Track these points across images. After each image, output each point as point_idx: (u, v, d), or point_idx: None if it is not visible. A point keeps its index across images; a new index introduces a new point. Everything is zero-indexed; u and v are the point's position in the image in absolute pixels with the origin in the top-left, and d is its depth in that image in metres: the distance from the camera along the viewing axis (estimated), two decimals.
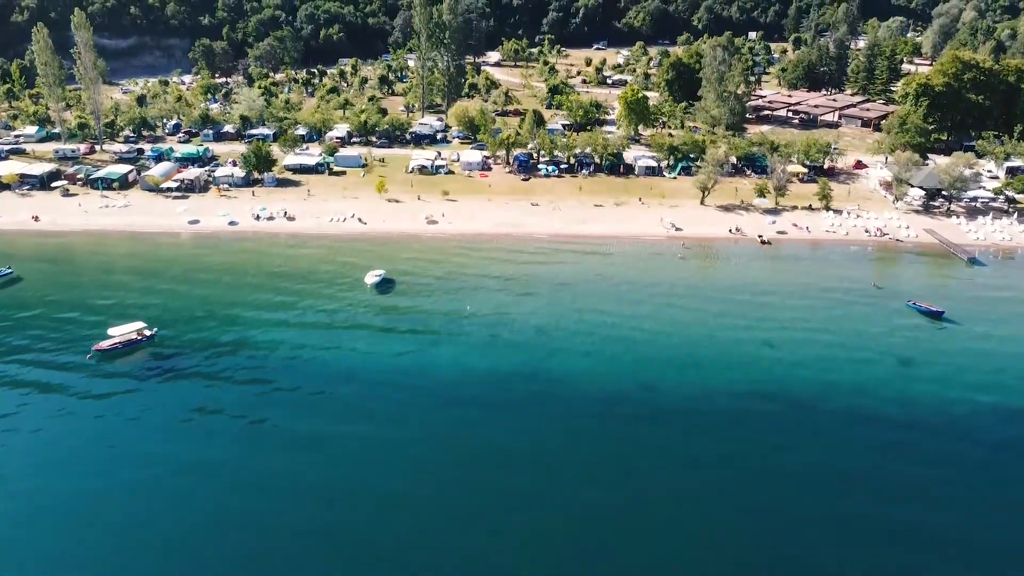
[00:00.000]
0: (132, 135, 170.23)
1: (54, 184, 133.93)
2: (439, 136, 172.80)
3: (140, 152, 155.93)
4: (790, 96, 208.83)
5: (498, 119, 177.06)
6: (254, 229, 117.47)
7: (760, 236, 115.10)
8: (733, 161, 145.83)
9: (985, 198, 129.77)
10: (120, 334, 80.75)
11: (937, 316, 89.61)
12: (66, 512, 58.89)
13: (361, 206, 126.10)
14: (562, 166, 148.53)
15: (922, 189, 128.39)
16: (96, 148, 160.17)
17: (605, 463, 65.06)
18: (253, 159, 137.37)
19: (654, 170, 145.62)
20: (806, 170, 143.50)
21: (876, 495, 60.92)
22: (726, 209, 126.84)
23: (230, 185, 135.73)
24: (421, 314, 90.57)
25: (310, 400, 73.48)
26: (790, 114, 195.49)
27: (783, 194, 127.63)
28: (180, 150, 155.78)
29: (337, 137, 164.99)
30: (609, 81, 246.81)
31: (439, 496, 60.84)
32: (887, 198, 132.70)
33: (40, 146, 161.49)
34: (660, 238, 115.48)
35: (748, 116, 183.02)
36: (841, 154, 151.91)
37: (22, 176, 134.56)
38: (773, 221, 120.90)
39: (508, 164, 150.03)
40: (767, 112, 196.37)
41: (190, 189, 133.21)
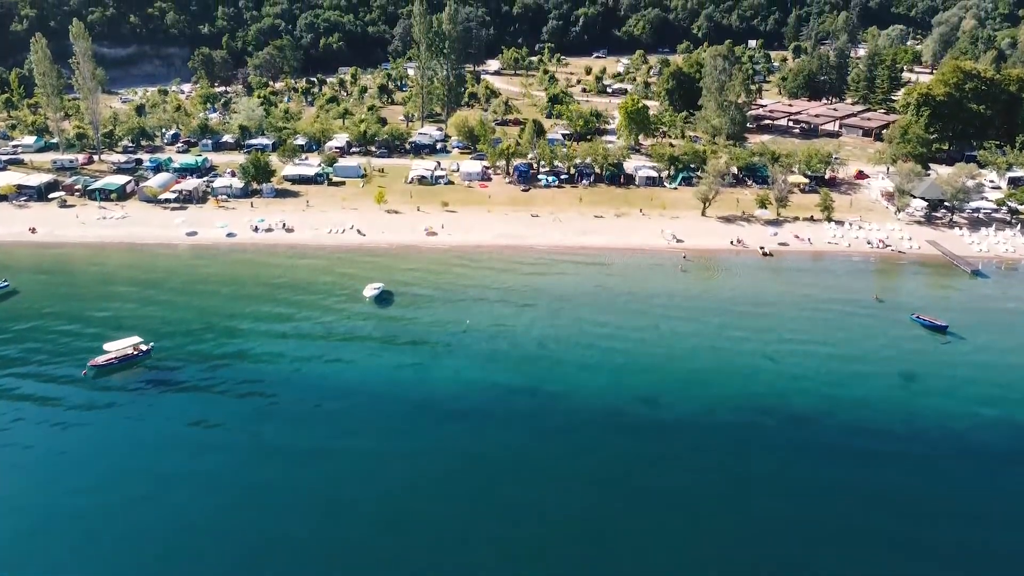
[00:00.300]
0: (131, 145, 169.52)
1: (51, 195, 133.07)
2: (439, 146, 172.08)
3: (138, 162, 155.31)
4: (791, 105, 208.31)
5: (498, 128, 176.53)
6: (252, 241, 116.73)
7: (762, 248, 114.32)
8: (734, 171, 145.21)
9: (988, 209, 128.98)
10: (116, 349, 79.92)
11: (941, 330, 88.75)
12: (59, 529, 58.06)
13: (360, 217, 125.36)
14: (562, 176, 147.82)
15: (924, 200, 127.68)
16: (94, 158, 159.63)
17: (606, 479, 64.25)
18: (252, 170, 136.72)
19: (655, 180, 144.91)
20: (807, 180, 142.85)
21: (879, 510, 60.17)
22: (727, 220, 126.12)
23: (228, 196, 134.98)
24: (420, 327, 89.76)
25: (308, 414, 72.79)
26: (791, 123, 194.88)
27: (784, 205, 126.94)
28: (179, 160, 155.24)
29: (336, 147, 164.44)
30: (609, 90, 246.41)
31: (439, 510, 60.29)
32: (889, 209, 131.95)
33: (38, 156, 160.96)
34: (661, 250, 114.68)
35: (749, 125, 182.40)
36: (842, 164, 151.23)
37: (19, 187, 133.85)
38: (775, 232, 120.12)
39: (508, 174, 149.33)
40: (768, 121, 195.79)
41: (188, 200, 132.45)
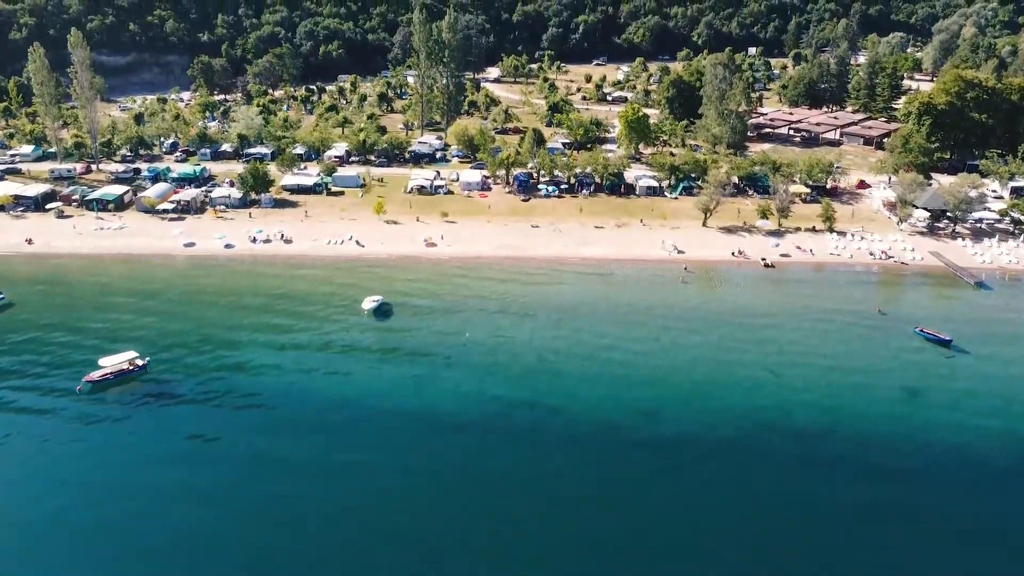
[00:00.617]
0: (129, 154, 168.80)
1: (48, 206, 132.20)
2: (438, 155, 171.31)
3: (137, 172, 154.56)
4: (791, 114, 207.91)
5: (498, 137, 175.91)
6: (251, 252, 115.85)
7: (763, 259, 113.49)
8: (735, 181, 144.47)
9: (990, 219, 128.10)
10: (111, 364, 78.94)
11: (945, 343, 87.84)
12: (52, 544, 57.79)
13: (359, 228, 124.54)
14: (562, 186, 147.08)
15: (926, 210, 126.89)
16: (92, 168, 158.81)
17: (606, 493, 63.87)
18: (250, 180, 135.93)
19: (655, 190, 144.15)
20: (809, 190, 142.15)
21: (883, 525, 59.66)
22: (728, 231, 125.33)
23: (227, 206, 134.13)
24: (419, 340, 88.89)
25: (307, 429, 72.09)
26: (792, 132, 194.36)
27: (786, 215, 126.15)
28: (177, 170, 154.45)
29: (336, 156, 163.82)
30: (609, 98, 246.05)
31: (438, 524, 60.00)
32: (891, 219, 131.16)
33: (36, 165, 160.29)
34: (662, 261, 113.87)
35: (749, 134, 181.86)
36: (844, 173, 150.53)
37: (16, 197, 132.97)
38: (776, 244, 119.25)
39: (508, 184, 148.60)
40: (768, 130, 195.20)
41: (186, 211, 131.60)
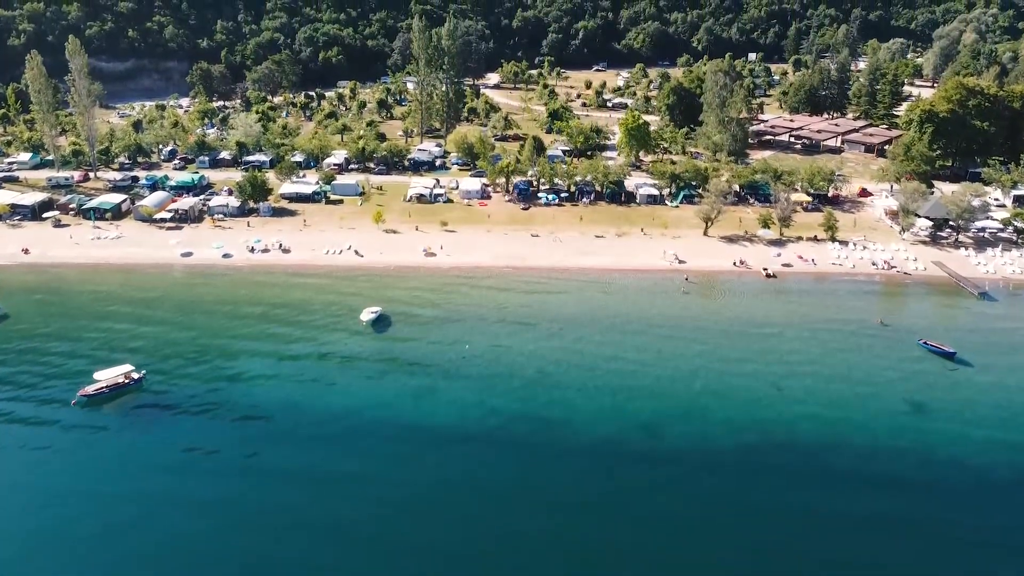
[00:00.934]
0: (127, 162, 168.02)
1: (45, 214, 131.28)
2: (438, 162, 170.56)
3: (135, 180, 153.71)
4: (792, 121, 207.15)
5: (497, 144, 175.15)
6: (248, 262, 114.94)
7: (765, 269, 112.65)
8: (736, 189, 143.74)
9: (993, 228, 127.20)
10: (106, 378, 78.10)
11: (949, 356, 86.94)
12: (46, 559, 57.26)
13: (358, 237, 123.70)
14: (562, 194, 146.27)
15: (929, 219, 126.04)
16: (90, 176, 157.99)
17: (606, 507, 63.33)
18: (249, 188, 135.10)
19: (656, 199, 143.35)
20: (810, 199, 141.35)
21: (887, 541, 59.03)
22: (730, 240, 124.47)
23: (225, 215, 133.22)
24: (418, 352, 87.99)
25: (303, 443, 71.35)
26: (792, 139, 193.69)
27: (788, 225, 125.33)
28: (175, 178, 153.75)
29: (335, 164, 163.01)
30: (609, 104, 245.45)
31: (437, 537, 59.68)
32: (893, 228, 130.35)
33: (33, 173, 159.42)
34: (663, 271, 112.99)
35: (750, 141, 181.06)
36: (845, 181, 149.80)
37: (13, 206, 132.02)
38: (778, 253, 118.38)
39: (508, 192, 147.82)
40: (769, 137, 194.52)
41: (184, 219, 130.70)
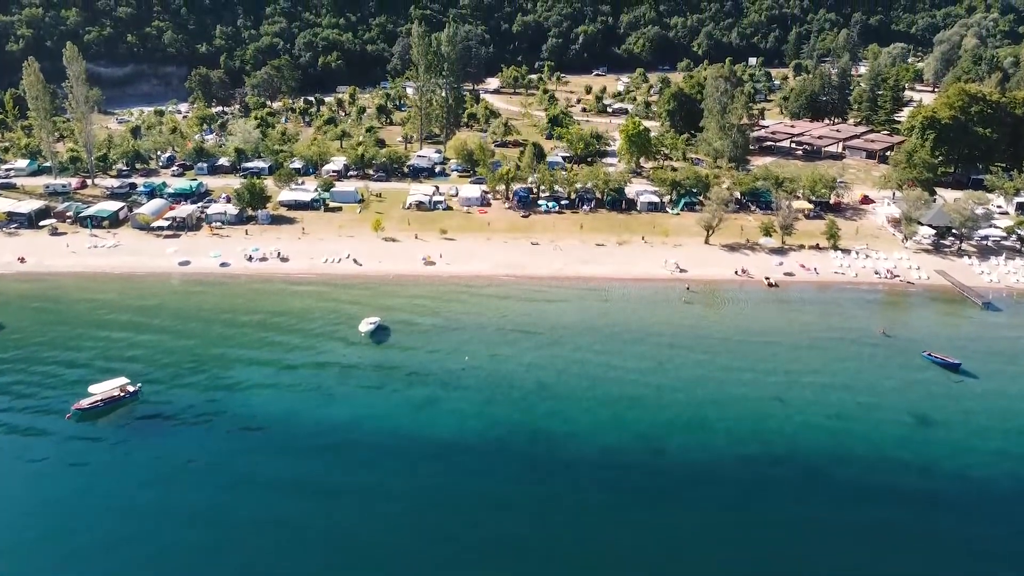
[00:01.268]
0: (125, 169, 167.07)
1: (42, 222, 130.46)
2: (437, 169, 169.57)
3: (132, 187, 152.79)
4: (793, 127, 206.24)
5: (497, 150, 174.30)
6: (246, 271, 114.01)
7: (767, 278, 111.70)
8: (737, 196, 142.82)
9: (997, 237, 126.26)
10: (101, 392, 77.21)
11: (953, 368, 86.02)
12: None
13: (357, 245, 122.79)
14: (563, 202, 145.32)
15: (932, 227, 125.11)
16: (88, 182, 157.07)
17: (608, 519, 63.06)
18: (247, 196, 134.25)
19: (656, 206, 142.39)
20: (812, 206, 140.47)
21: (891, 557, 58.56)
22: (731, 248, 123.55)
23: (223, 223, 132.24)
24: (417, 364, 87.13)
25: (300, 454, 70.90)
26: (793, 145, 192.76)
27: (790, 233, 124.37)
28: (173, 184, 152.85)
29: (333, 170, 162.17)
30: (609, 109, 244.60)
31: (435, 549, 59.46)
32: (896, 236, 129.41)
33: (31, 180, 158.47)
34: (664, 280, 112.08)
35: (751, 147, 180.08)
36: (847, 188, 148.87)
37: (9, 214, 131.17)
38: (780, 262, 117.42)
39: (508, 199, 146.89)
40: (770, 143, 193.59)
41: (182, 227, 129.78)
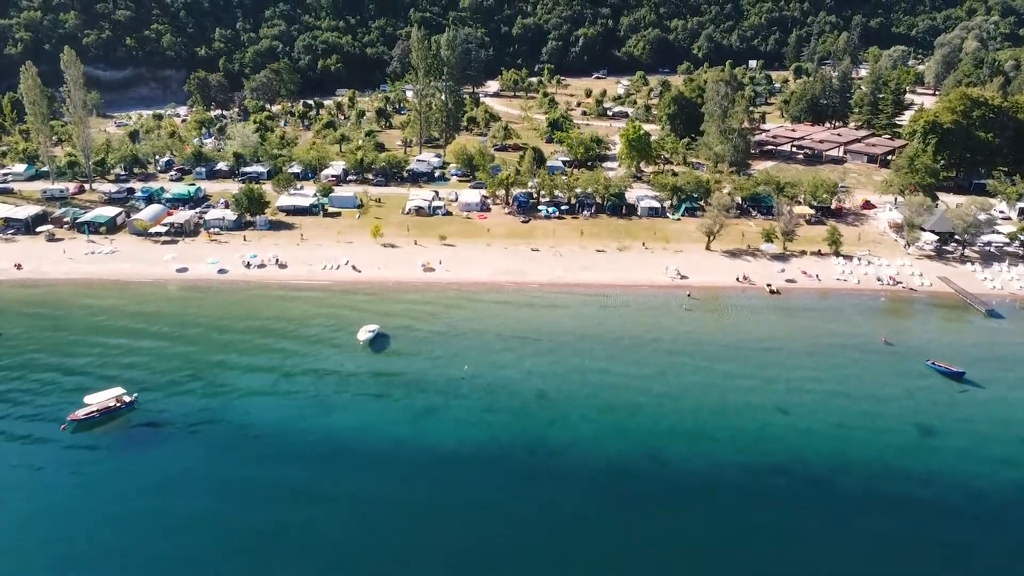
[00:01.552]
0: (123, 173, 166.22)
1: (39, 228, 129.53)
2: (437, 174, 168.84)
3: (131, 192, 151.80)
4: (794, 130, 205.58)
5: (497, 154, 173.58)
6: (244, 278, 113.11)
7: (768, 285, 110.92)
8: (738, 201, 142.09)
9: (1000, 243, 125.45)
10: (97, 402, 76.36)
11: (957, 377, 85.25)
12: None
13: (356, 252, 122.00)
14: (563, 207, 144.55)
15: (934, 233, 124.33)
16: (86, 187, 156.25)
17: (609, 530, 62.36)
18: (245, 201, 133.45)
19: (657, 211, 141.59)
20: (813, 211, 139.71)
21: (896, 569, 58.26)
22: (732, 255, 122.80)
23: (221, 229, 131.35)
24: (416, 373, 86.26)
25: (297, 467, 69.92)
26: (794, 149, 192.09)
27: (791, 238, 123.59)
28: (172, 189, 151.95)
29: (332, 175, 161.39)
30: (610, 113, 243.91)
31: (433, 562, 58.74)
32: (898, 242, 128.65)
33: (28, 185, 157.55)
34: (665, 287, 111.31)
35: (752, 151, 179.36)
36: (849, 193, 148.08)
37: (6, 220, 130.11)
38: (782, 269, 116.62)
39: (507, 204, 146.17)
40: (771, 147, 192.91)
41: (179, 233, 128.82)
